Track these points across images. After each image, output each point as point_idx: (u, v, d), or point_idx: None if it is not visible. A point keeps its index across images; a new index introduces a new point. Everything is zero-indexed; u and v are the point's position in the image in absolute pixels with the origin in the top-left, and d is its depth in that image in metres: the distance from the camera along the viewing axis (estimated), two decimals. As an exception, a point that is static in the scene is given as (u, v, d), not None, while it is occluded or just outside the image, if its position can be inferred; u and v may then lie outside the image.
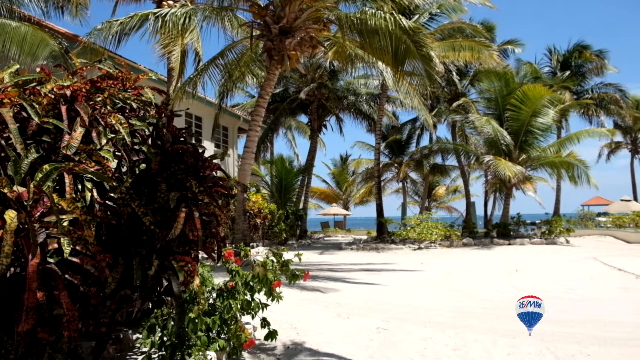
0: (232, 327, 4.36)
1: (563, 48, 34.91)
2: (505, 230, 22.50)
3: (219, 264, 4.50)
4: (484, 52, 20.62)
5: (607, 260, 14.32)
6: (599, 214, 37.29)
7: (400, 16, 12.57)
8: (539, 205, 35.66)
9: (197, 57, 17.49)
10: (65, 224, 2.77)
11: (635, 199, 38.98)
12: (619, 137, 41.58)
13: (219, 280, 4.75)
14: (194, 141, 4.04)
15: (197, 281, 3.28)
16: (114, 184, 3.12)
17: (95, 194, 3.02)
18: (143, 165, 3.44)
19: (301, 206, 26.65)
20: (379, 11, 12.80)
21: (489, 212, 32.83)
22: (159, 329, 4.07)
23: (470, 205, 28.88)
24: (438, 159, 32.25)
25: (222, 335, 4.42)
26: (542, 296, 8.83)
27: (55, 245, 2.77)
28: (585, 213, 38.26)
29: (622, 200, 35.45)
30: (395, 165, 34.25)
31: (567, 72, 33.18)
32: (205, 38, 16.22)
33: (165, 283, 3.81)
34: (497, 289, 9.81)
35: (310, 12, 14.13)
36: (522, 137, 22.28)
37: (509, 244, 20.59)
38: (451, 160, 30.91)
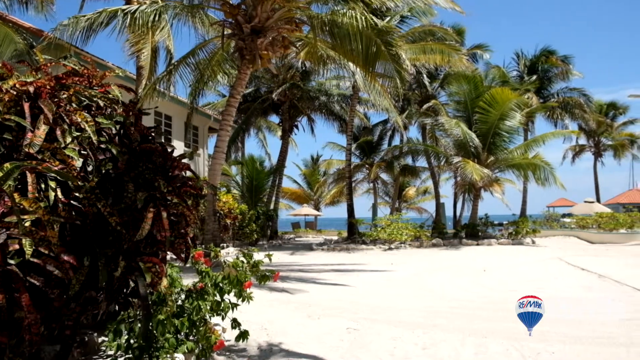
0: (201, 328, 4.30)
1: (530, 53, 35.85)
2: (473, 231, 22.88)
3: (188, 265, 4.44)
4: (454, 55, 20.95)
5: (572, 260, 14.70)
6: (564, 215, 38.28)
7: (372, 16, 12.65)
8: (507, 206, 36.50)
9: (169, 55, 17.27)
10: (27, 224, 2.69)
11: (598, 200, 40.20)
12: (582, 141, 42.85)
13: (189, 281, 4.69)
14: (163, 140, 3.97)
15: (165, 282, 3.22)
16: (79, 183, 3.04)
17: (59, 193, 2.93)
18: (110, 165, 3.36)
19: (272, 207, 26.56)
20: (351, 11, 12.85)
21: (458, 213, 33.37)
22: (126, 332, 3.99)
23: (439, 206, 29.28)
24: (408, 160, 32.67)
25: (191, 337, 4.36)
26: (510, 296, 9.04)
27: (17, 247, 2.68)
28: (551, 214, 39.26)
29: (585, 202, 36.47)
30: (366, 166, 34.47)
31: (534, 77, 34.02)
32: (177, 36, 16.09)
33: (132, 285, 3.74)
34: (465, 288, 9.96)
35: (283, 12, 14.09)
36: (490, 140, 22.70)
37: (477, 245, 20.94)
38: (421, 162, 31.31)
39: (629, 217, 29.78)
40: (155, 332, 3.89)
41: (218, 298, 4.57)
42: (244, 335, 4.61)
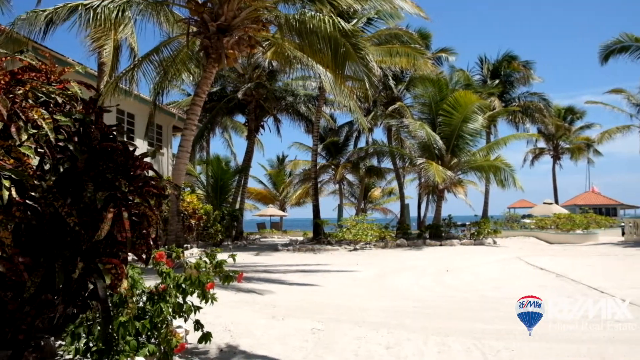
0: (162, 331, 4.23)
1: (493, 57, 36.69)
2: (437, 232, 23.24)
3: (150, 267, 4.35)
4: (419, 59, 21.25)
5: (531, 260, 15.11)
6: (524, 216, 39.28)
7: (339, 19, 12.71)
8: (469, 207, 37.11)
9: (132, 52, 16.90)
10: (-21, 224, 2.58)
11: (557, 202, 41.44)
12: (542, 144, 44.14)
13: (151, 282, 4.60)
14: (125, 139, 3.88)
15: (125, 284, 3.15)
16: (35, 182, 2.94)
17: (13, 192, 2.83)
18: (68, 164, 3.26)
19: (237, 207, 26.34)
20: (318, 13, 12.88)
21: (422, 214, 33.86)
22: (84, 335, 3.88)
23: (404, 207, 29.63)
24: (374, 162, 32.92)
25: (153, 340, 4.27)
26: (471, 295, 9.22)
27: (-32, 248, 2.57)
28: (511, 215, 40.27)
29: (544, 203, 37.52)
30: (332, 166, 34.60)
31: (497, 81, 34.84)
32: (141, 33, 15.69)
33: (91, 287, 3.64)
34: (428, 288, 10.11)
35: (249, 11, 14.00)
36: (454, 142, 23.09)
37: (441, 245, 21.28)
38: (387, 163, 31.64)
39: (585, 218, 30.84)
40: (115, 334, 3.80)
41: (180, 300, 4.50)
42: (206, 337, 4.55)
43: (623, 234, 25.60)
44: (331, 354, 5.23)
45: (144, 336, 4.15)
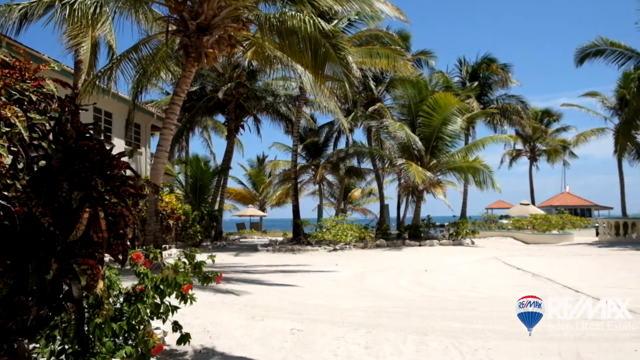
0: (140, 332, 4.17)
1: (472, 60, 37.10)
2: (416, 232, 23.42)
3: (127, 267, 4.29)
4: (399, 60, 21.40)
5: (508, 260, 15.32)
6: (501, 217, 39.79)
7: (319, 19, 12.72)
8: (448, 208, 37.54)
9: (110, 50, 16.66)
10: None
11: (533, 203, 42.11)
12: (519, 146, 44.79)
13: (128, 284, 4.54)
14: (102, 138, 3.82)
15: (101, 285, 3.10)
16: (9, 181, 2.88)
17: (-14, 192, 2.76)
18: (42, 163, 3.20)
19: (217, 207, 26.18)
20: (299, 14, 12.87)
21: (401, 215, 34.05)
22: (60, 337, 3.81)
23: (384, 208, 29.76)
24: (354, 162, 33.00)
25: (130, 342, 4.22)
26: (449, 295, 9.31)
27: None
28: (489, 216, 40.76)
29: (521, 204, 38.06)
30: (312, 167, 34.59)
31: (476, 83, 35.24)
32: (119, 31, 15.52)
33: (66, 288, 3.57)
34: (407, 288, 10.17)
35: (230, 10, 13.92)
36: (433, 143, 23.30)
37: (420, 245, 21.44)
38: (367, 164, 31.72)
39: (560, 218, 31.39)
40: (91, 336, 3.74)
41: (158, 301, 4.44)
42: (185, 338, 4.50)
43: (597, 234, 26.14)
44: (310, 354, 5.22)
45: (120, 338, 4.09)
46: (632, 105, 25.15)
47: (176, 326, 4.53)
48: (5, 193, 2.88)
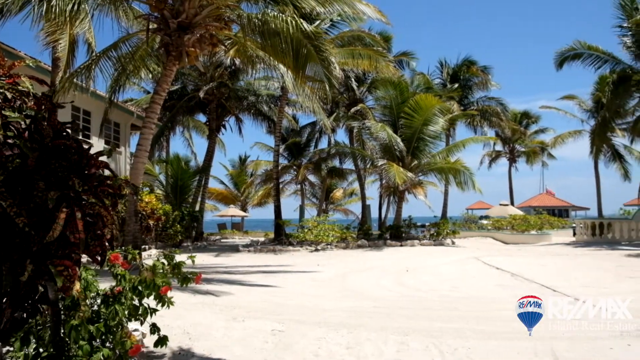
0: (117, 334, 4.11)
1: (453, 62, 37.42)
2: (397, 232, 23.54)
3: (105, 268, 4.23)
4: (381, 61, 21.50)
5: (487, 259, 15.49)
6: (481, 217, 40.23)
7: (302, 20, 12.71)
8: (429, 208, 37.72)
9: (89, 48, 16.41)
10: None
11: (512, 203, 42.66)
12: (499, 147, 45.35)
13: (106, 285, 4.47)
14: (80, 136, 3.75)
15: (77, 286, 3.04)
16: (-18, 180, 2.81)
17: (-42, 191, 2.69)
18: (17, 161, 3.13)
19: (198, 207, 25.98)
20: (281, 14, 12.84)
21: (383, 215, 34.19)
22: (34, 340, 3.74)
23: (365, 208, 29.87)
24: (336, 163, 33.07)
25: (107, 344, 4.15)
26: (430, 294, 9.38)
27: None
28: (469, 216, 41.17)
29: (501, 204, 38.53)
30: (294, 167, 34.56)
31: (456, 85, 35.59)
32: (99, 28, 15.23)
33: (42, 289, 3.49)
34: (389, 288, 10.21)
35: (211, 9, 13.82)
36: (415, 144, 23.44)
37: (401, 245, 21.56)
38: (348, 164, 31.81)
39: (539, 219, 31.85)
40: (67, 339, 3.67)
41: (136, 302, 4.39)
42: (162, 340, 4.45)
43: (574, 234, 26.58)
44: (292, 354, 5.21)
45: (98, 340, 4.03)
46: (607, 107, 25.64)
47: (154, 328, 4.48)
48: (-22, 193, 2.82)
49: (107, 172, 3.94)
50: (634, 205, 35.76)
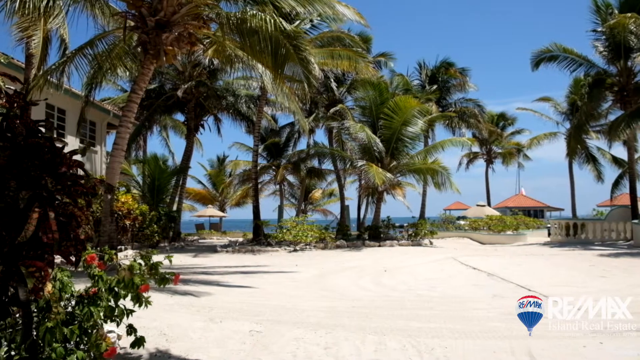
0: (93, 336, 4.04)
1: (431, 64, 37.77)
2: (376, 233, 23.64)
3: (81, 269, 4.16)
4: (361, 62, 21.60)
5: (464, 259, 15.66)
6: (459, 218, 40.65)
7: (281, 19, 12.69)
8: (407, 209, 38.05)
9: (63, 44, 16.13)
10: None
11: (489, 204, 43.23)
12: (476, 148, 45.91)
13: (82, 286, 4.39)
14: (54, 135, 3.68)
15: (49, 287, 2.99)
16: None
17: None
18: (-12, 160, 3.06)
19: (175, 207, 25.74)
20: (261, 13, 12.80)
21: (362, 215, 34.37)
22: (6, 343, 3.65)
23: (344, 209, 29.94)
24: (315, 163, 33.09)
25: (82, 346, 4.08)
26: (408, 294, 9.44)
27: None
28: (447, 217, 41.58)
29: (477, 205, 38.99)
30: (273, 167, 34.49)
31: (435, 86, 35.92)
32: (74, 25, 15.01)
33: (13, 291, 3.42)
34: (367, 288, 10.25)
35: (190, 7, 13.70)
36: (394, 145, 23.59)
37: (380, 246, 21.66)
38: (327, 165, 31.86)
39: (515, 219, 32.32)
40: (41, 341, 3.59)
41: (112, 303, 4.32)
42: (139, 342, 4.39)
43: (549, 234, 27.06)
44: (269, 355, 5.19)
45: (72, 342, 3.96)
46: (582, 110, 26.16)
47: (131, 329, 4.42)
48: (-53, 192, 2.75)
49: (81, 172, 3.87)
50: (606, 206, 36.57)
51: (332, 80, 27.18)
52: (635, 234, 21.25)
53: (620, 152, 33.36)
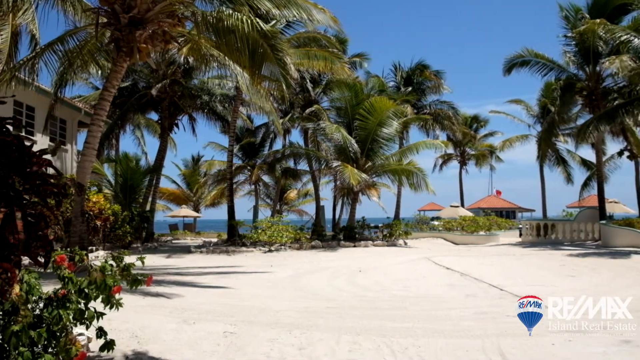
0: (62, 339, 3.94)
1: (407, 65, 38.07)
2: (351, 233, 23.72)
3: (50, 271, 4.05)
4: (337, 63, 21.67)
5: (438, 260, 15.83)
6: (433, 219, 41.10)
7: (258, 19, 12.62)
8: (382, 209, 38.30)
9: (33, 40, 15.72)
10: None
11: (463, 205, 43.80)
12: (450, 150, 46.48)
13: (50, 288, 4.28)
14: (23, 133, 3.59)
15: (16, 290, 2.91)
16: None
17: None
18: (-47, 158, 2.96)
19: (148, 207, 25.37)
20: (237, 13, 12.71)
21: (337, 216, 34.43)
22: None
23: (319, 209, 29.96)
24: (290, 163, 33.03)
25: (50, 349, 3.98)
26: (382, 294, 9.50)
27: None
28: (421, 217, 41.98)
29: (451, 206, 39.47)
30: (248, 167, 34.32)
31: (410, 88, 36.22)
32: (44, 20, 14.60)
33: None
34: (341, 288, 10.28)
35: (165, 4, 13.52)
36: (369, 146, 23.71)
37: (355, 246, 21.74)
38: (303, 165, 31.83)
39: (487, 220, 32.83)
40: (7, 345, 3.49)
41: (82, 306, 4.22)
42: (109, 345, 4.30)
43: (520, 235, 27.58)
44: (243, 356, 5.16)
45: (40, 346, 3.86)
46: (552, 113, 26.71)
47: (101, 332, 4.33)
48: None
49: (51, 171, 3.78)
50: (575, 207, 37.38)
51: (308, 80, 27.16)
52: (602, 235, 21.80)
53: (589, 154, 34.28)
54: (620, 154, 29.15)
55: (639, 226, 21.27)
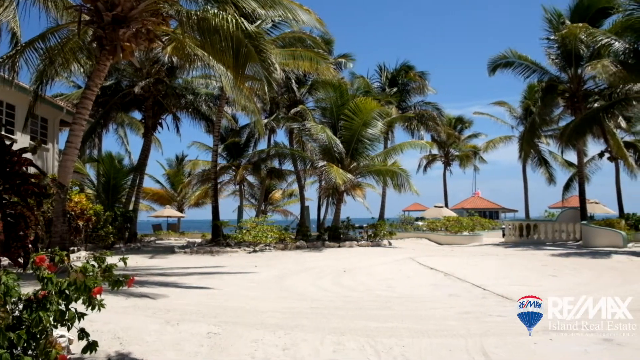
0: (42, 341, 3.88)
1: (392, 66, 38.25)
2: (336, 234, 23.75)
3: (30, 271, 3.99)
4: (322, 63, 21.67)
5: (422, 260, 15.92)
6: (417, 219, 41.27)
7: (243, 19, 12.58)
8: (367, 210, 38.34)
9: (14, 37, 15.49)
10: None
11: (447, 205, 44.12)
12: (434, 151, 46.79)
13: (29, 289, 4.21)
14: (3, 132, 3.53)
15: (-5, 292, 2.86)
16: None
17: None
18: None
19: (131, 207, 25.10)
20: (222, 12, 12.65)
21: (322, 216, 34.39)
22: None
23: (304, 209, 29.94)
24: (275, 163, 32.92)
25: (30, 352, 3.91)
26: (367, 295, 9.52)
27: None
28: (406, 218, 42.15)
29: (435, 206, 39.73)
30: (233, 167, 34.14)
31: (395, 89, 36.40)
32: (25, 17, 14.37)
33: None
34: (326, 289, 10.28)
35: (149, 3, 13.42)
36: (354, 146, 23.77)
37: (339, 247, 21.77)
38: (288, 165, 31.79)
39: (471, 221, 33.10)
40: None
41: (63, 307, 4.16)
42: (91, 346, 4.24)
43: (504, 235, 27.85)
44: (227, 357, 5.13)
45: (19, 348, 3.79)
46: (534, 115, 27.04)
47: (82, 334, 4.27)
48: None
49: (32, 170, 3.72)
50: (557, 207, 37.91)
51: (293, 81, 27.16)
52: (583, 235, 22.12)
53: (572, 156, 34.70)
54: (601, 155, 29.66)
55: (619, 226, 21.67)
